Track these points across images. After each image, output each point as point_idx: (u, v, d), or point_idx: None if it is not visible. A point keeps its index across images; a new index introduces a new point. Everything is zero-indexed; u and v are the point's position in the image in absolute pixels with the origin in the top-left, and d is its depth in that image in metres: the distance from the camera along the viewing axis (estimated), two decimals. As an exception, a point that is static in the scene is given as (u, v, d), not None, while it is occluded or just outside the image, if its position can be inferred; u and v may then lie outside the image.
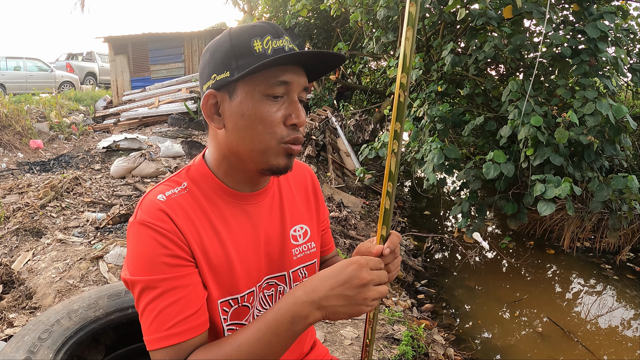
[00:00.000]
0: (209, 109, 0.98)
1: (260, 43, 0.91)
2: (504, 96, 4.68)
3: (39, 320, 1.85)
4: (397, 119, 0.93)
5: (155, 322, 0.89)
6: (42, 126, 9.26)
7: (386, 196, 0.99)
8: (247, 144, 0.96)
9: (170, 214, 0.93)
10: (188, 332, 0.90)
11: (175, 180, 1.03)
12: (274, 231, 1.10)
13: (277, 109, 0.94)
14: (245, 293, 1.02)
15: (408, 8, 0.87)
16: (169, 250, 0.91)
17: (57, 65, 17.45)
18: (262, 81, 0.92)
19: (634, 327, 4.14)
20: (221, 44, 0.94)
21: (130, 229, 0.94)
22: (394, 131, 0.95)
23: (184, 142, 7.69)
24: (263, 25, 0.94)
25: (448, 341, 3.74)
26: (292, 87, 0.95)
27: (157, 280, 0.89)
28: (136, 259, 0.91)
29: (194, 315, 0.91)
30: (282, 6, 11.64)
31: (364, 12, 6.73)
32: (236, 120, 0.95)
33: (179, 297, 0.90)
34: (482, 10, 4.75)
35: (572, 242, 5.53)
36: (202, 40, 12.93)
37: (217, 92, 0.96)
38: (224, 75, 0.93)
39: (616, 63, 4.56)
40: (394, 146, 0.95)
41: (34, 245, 3.98)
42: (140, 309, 0.91)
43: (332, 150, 7.59)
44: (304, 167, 1.28)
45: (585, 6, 4.74)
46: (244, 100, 0.93)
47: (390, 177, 0.98)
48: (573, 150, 4.66)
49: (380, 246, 0.97)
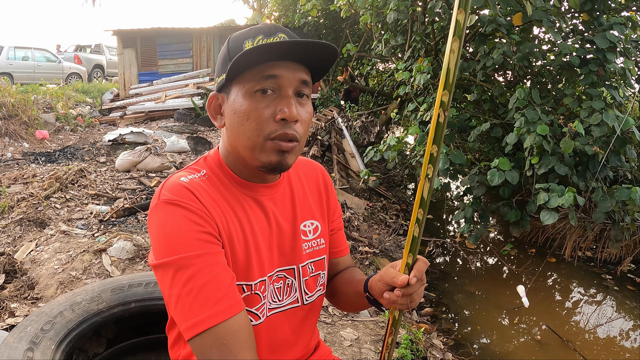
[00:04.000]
0: (213, 110, 1.04)
1: (251, 43, 0.94)
2: (510, 103, 4.68)
3: (41, 311, 1.86)
4: (434, 141, 0.85)
5: (197, 300, 0.86)
6: (48, 117, 9.28)
7: (415, 223, 0.92)
8: (240, 140, 0.98)
9: (196, 193, 0.94)
10: (233, 307, 0.88)
11: (194, 168, 1.05)
12: (285, 224, 1.11)
13: (267, 105, 0.94)
14: (257, 281, 1.03)
15: (455, 16, 0.79)
16: (201, 227, 0.90)
17: (65, 56, 17.48)
18: (250, 78, 0.94)
19: (632, 338, 4.14)
20: (222, 50, 1.00)
21: (155, 210, 0.93)
22: (430, 154, 0.86)
23: (189, 137, 7.71)
24: (260, 26, 0.98)
25: (447, 346, 3.74)
26: (283, 81, 0.94)
27: (191, 257, 0.87)
28: (165, 239, 0.89)
29: (233, 292, 0.90)
30: (291, 5, 11.65)
31: (373, 14, 6.73)
32: (231, 118, 0.98)
33: (216, 274, 0.88)
34: (492, 17, 4.75)
35: (573, 251, 5.52)
36: (210, 37, 12.95)
37: (218, 94, 1.02)
38: (221, 78, 0.98)
39: (624, 74, 4.55)
40: (429, 171, 0.87)
41: (38, 235, 4.00)
42: (175, 294, 0.87)
43: (337, 151, 7.60)
44: (315, 165, 1.28)
45: (595, 16, 4.73)
46: (236, 98, 0.96)
47: (422, 203, 0.91)
48: (578, 160, 4.65)
49: (406, 276, 0.96)
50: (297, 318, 1.14)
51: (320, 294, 1.19)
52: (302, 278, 1.14)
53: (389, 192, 7.41)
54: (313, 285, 1.16)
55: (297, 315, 1.14)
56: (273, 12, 13.21)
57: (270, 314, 1.08)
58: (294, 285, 1.13)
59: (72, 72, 16.18)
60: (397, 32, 6.76)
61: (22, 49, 14.93)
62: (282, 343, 1.13)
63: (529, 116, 4.34)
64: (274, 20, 12.77)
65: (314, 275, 1.16)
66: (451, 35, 0.80)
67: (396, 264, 1.03)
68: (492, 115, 5.60)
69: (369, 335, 3.12)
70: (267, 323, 1.07)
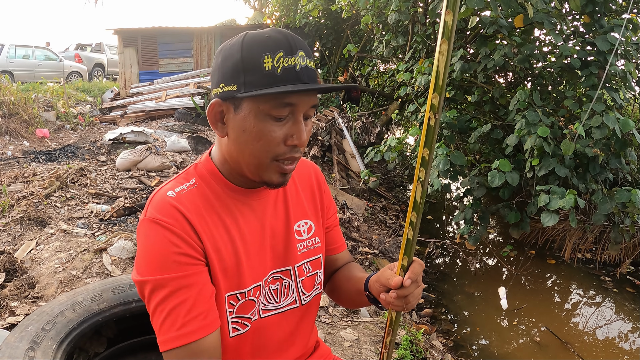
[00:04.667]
0: (214, 116, 0.98)
1: (271, 60, 0.88)
2: (511, 105, 4.69)
3: (42, 310, 1.86)
4: (425, 144, 0.86)
5: (166, 322, 0.90)
6: (48, 115, 9.28)
7: (409, 226, 0.94)
8: (244, 157, 0.97)
9: (182, 209, 0.94)
10: (199, 330, 0.91)
11: (183, 177, 1.04)
12: (278, 226, 1.11)
13: (279, 128, 0.93)
14: (251, 287, 1.04)
15: (444, 17, 0.78)
16: (179, 249, 0.91)
17: (66, 55, 17.48)
18: (267, 101, 0.90)
19: (631, 339, 4.15)
20: (233, 53, 0.92)
21: (141, 226, 0.95)
22: (422, 157, 0.87)
23: (190, 137, 7.70)
24: (278, 37, 0.90)
25: (446, 347, 3.75)
26: (298, 107, 0.93)
27: (167, 279, 0.90)
28: (146, 258, 0.92)
29: (204, 314, 0.92)
30: (292, 5, 11.65)
31: (375, 15, 6.73)
32: (238, 133, 0.95)
33: (189, 296, 0.91)
34: (494, 19, 4.75)
35: (573, 253, 5.52)
36: (211, 36, 12.95)
37: (223, 103, 0.96)
38: (231, 88, 0.92)
39: (625, 76, 4.56)
40: (421, 174, 0.88)
41: (38, 234, 4.00)
42: (151, 310, 0.92)
43: (338, 151, 7.60)
44: (308, 164, 1.28)
45: (596, 18, 4.74)
46: (248, 117, 0.92)
47: (415, 206, 0.92)
48: (578, 162, 4.66)
49: (400, 278, 0.97)
50: (295, 318, 1.15)
51: (317, 292, 1.20)
52: (299, 278, 1.14)
53: (389, 193, 7.41)
54: (310, 284, 1.17)
55: (295, 316, 1.15)
56: (274, 12, 13.20)
57: (266, 316, 1.09)
58: (291, 286, 1.13)
59: (73, 70, 16.18)
60: (398, 33, 6.77)
61: (22, 47, 14.93)
62: (282, 343, 1.14)
63: (530, 118, 4.35)
64: (275, 20, 12.77)
65: (311, 275, 1.17)
66: (440, 36, 0.80)
67: (393, 265, 1.04)
68: (492, 116, 5.60)
69: (369, 335, 3.12)
70: (261, 324, 1.08)
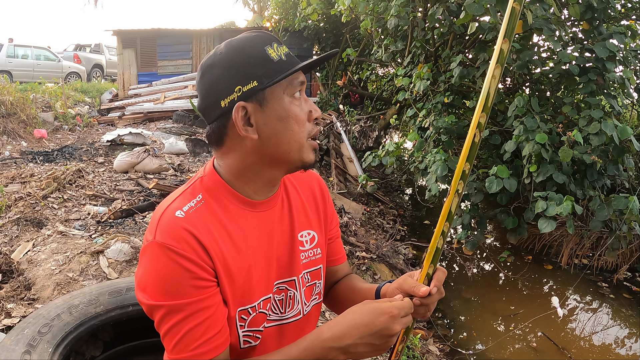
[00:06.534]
0: (241, 120, 0.95)
1: (273, 50, 0.96)
2: (509, 111, 4.70)
3: (39, 313, 1.86)
4: (468, 159, 0.90)
5: (181, 343, 0.91)
6: (46, 116, 9.28)
7: (440, 235, 0.97)
8: (284, 145, 0.99)
9: (193, 231, 0.93)
10: (212, 350, 0.93)
11: (190, 193, 1.02)
12: (283, 236, 1.11)
13: (302, 107, 1.00)
14: (260, 300, 1.03)
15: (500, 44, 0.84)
16: (193, 274, 0.91)
17: (65, 55, 17.47)
18: (287, 84, 0.97)
19: (628, 345, 4.15)
20: (232, 58, 0.94)
21: (150, 249, 0.93)
22: (462, 171, 0.91)
23: (188, 139, 7.70)
24: (261, 34, 0.99)
25: (443, 352, 3.75)
26: (304, 85, 1.02)
27: (183, 305, 0.90)
28: (159, 284, 0.91)
29: (218, 334, 0.94)
30: (292, 9, 11.66)
31: (374, 19, 6.74)
32: (273, 125, 0.97)
33: (204, 319, 0.92)
34: (493, 25, 4.77)
35: (570, 259, 5.53)
36: (210, 38, 12.96)
37: (247, 103, 0.95)
38: (252, 85, 0.93)
39: (623, 83, 4.57)
40: (459, 186, 0.92)
41: (35, 235, 3.99)
42: (163, 330, 0.92)
43: (336, 155, 7.60)
44: (312, 174, 1.28)
45: (594, 25, 4.75)
46: (279, 104, 0.97)
47: (449, 217, 0.95)
48: (576, 169, 4.67)
49: (428, 287, 0.99)
50: (298, 329, 1.15)
51: (315, 302, 1.20)
52: (302, 288, 1.14)
53: (387, 197, 7.42)
54: (309, 294, 1.17)
55: (298, 327, 1.15)
56: (273, 15, 13.21)
57: (270, 326, 1.09)
58: (296, 297, 1.13)
59: (72, 71, 16.17)
60: (397, 37, 6.78)
61: (21, 47, 14.93)
62: None
63: (528, 124, 4.36)
64: (275, 23, 12.78)
65: (309, 285, 1.17)
66: (494, 62, 0.85)
67: (413, 273, 1.06)
68: (491, 122, 5.61)
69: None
70: (264, 335, 1.07)
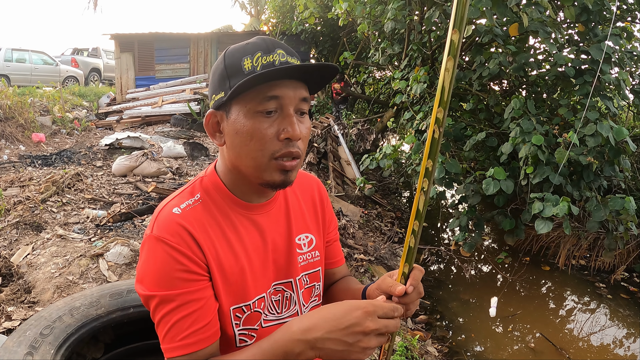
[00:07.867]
0: (212, 127, 1.02)
1: (250, 61, 0.93)
2: (506, 113, 4.72)
3: (40, 315, 1.87)
4: (429, 155, 0.89)
5: (170, 332, 0.94)
6: (44, 120, 9.28)
7: (411, 234, 0.96)
8: (242, 160, 0.98)
9: (187, 227, 0.96)
10: (200, 342, 0.95)
11: (189, 192, 1.05)
12: (280, 239, 1.13)
13: (270, 124, 0.95)
14: (255, 299, 1.05)
15: (450, 36, 0.81)
16: (184, 266, 0.94)
17: (63, 59, 17.46)
18: (252, 98, 0.93)
19: (625, 346, 4.17)
20: (218, 65, 0.98)
21: (147, 242, 0.97)
22: (426, 169, 0.90)
23: (186, 143, 7.72)
24: (256, 42, 0.96)
25: (441, 353, 3.76)
26: (285, 100, 0.95)
27: (174, 295, 0.93)
28: (153, 275, 0.95)
29: (206, 327, 0.96)
30: (289, 12, 11.70)
31: (371, 23, 6.77)
32: (232, 138, 0.97)
33: (193, 310, 0.94)
34: (489, 27, 4.79)
35: (567, 260, 5.55)
36: (208, 42, 12.99)
37: (217, 112, 1.00)
38: (220, 95, 0.97)
39: (618, 84, 4.60)
40: (424, 184, 0.91)
41: (34, 239, 4.00)
42: (156, 320, 0.96)
43: (333, 158, 7.62)
44: (311, 178, 1.30)
45: (590, 27, 4.78)
46: (237, 118, 0.95)
47: (418, 215, 0.94)
48: (572, 170, 4.69)
49: (403, 286, 0.97)
50: None
51: (314, 304, 1.21)
52: (300, 290, 1.16)
53: (384, 200, 7.44)
54: (308, 296, 1.19)
55: None
56: (271, 19, 13.25)
57: (267, 326, 1.10)
58: (293, 298, 1.15)
59: (69, 75, 16.16)
60: (394, 40, 6.81)
61: (19, 51, 14.92)
62: None
63: (524, 126, 4.39)
64: (272, 26, 12.81)
65: (308, 287, 1.18)
66: (446, 54, 0.82)
67: (393, 273, 1.04)
68: (487, 124, 5.64)
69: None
70: (261, 334, 1.09)
